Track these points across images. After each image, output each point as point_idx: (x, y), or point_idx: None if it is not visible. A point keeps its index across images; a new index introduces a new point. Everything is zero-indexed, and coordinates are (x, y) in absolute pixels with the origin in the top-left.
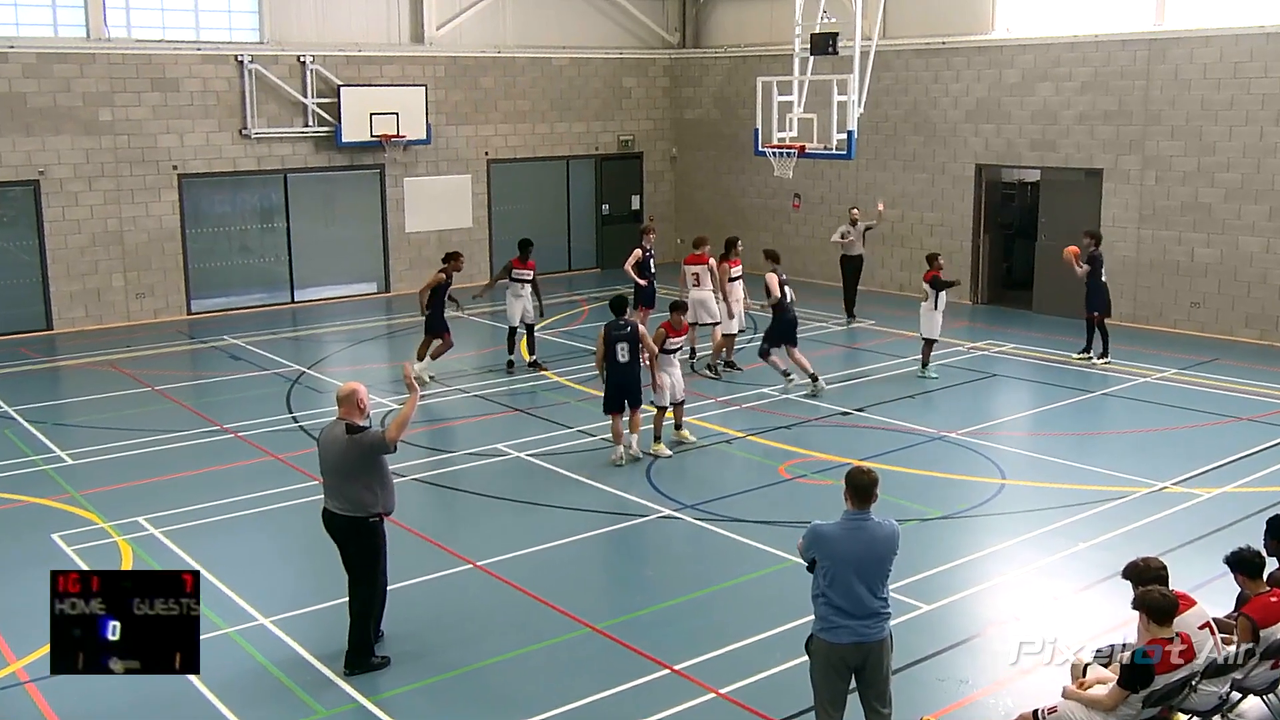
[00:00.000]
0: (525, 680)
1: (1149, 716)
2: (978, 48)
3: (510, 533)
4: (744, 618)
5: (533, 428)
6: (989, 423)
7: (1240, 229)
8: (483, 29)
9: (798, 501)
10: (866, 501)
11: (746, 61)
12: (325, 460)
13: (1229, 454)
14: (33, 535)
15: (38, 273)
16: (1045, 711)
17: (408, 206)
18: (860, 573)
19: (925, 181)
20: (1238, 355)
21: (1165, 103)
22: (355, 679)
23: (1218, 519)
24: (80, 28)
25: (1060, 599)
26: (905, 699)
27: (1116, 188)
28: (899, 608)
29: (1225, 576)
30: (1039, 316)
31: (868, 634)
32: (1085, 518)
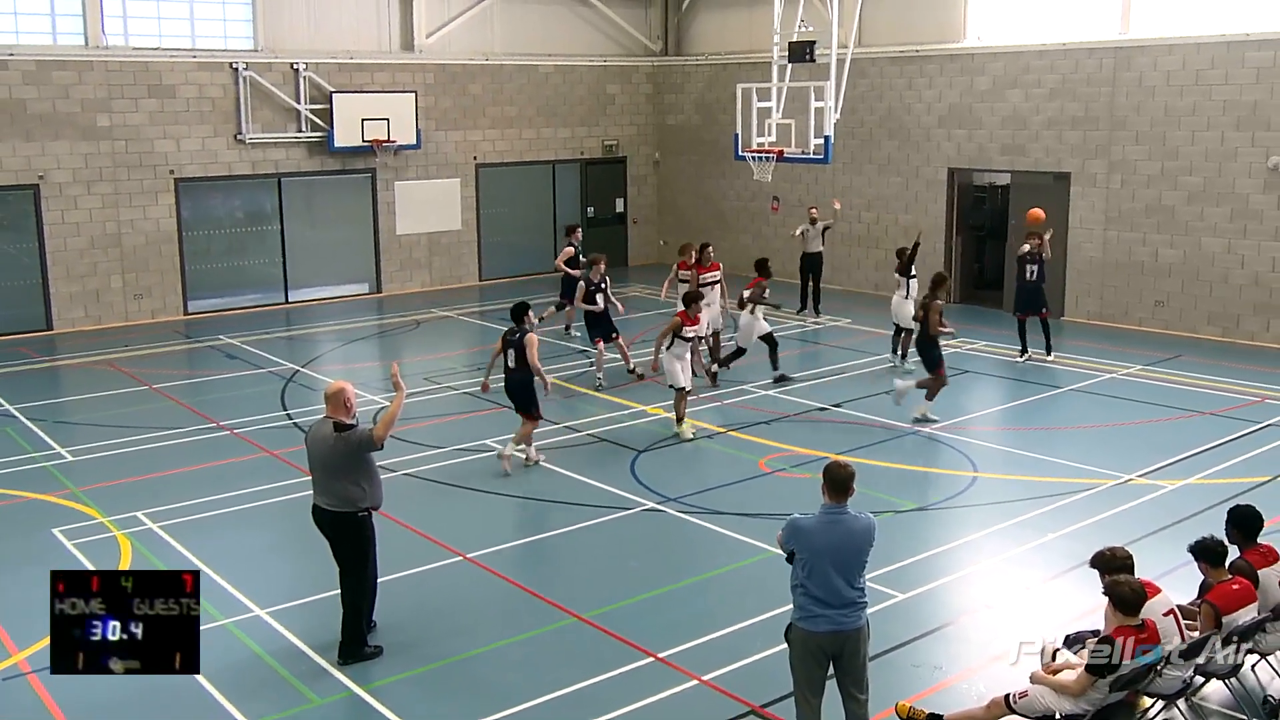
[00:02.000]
0: (514, 669)
1: (1115, 700)
2: (950, 55)
3: (498, 526)
4: (725, 607)
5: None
6: (961, 418)
7: (1203, 230)
8: (471, 37)
9: (777, 495)
10: (844, 495)
11: (727, 69)
12: (313, 457)
13: (1192, 447)
14: (34, 530)
15: (38, 274)
16: (1016, 696)
17: (398, 209)
18: (837, 564)
19: (899, 185)
20: (1200, 352)
21: (1130, 109)
22: (348, 668)
23: (1181, 510)
24: (79, 35)
25: (1030, 588)
26: (881, 685)
27: (1084, 191)
28: (875, 597)
29: (1189, 565)
30: (1008, 315)
31: (845, 623)
32: (1054, 509)
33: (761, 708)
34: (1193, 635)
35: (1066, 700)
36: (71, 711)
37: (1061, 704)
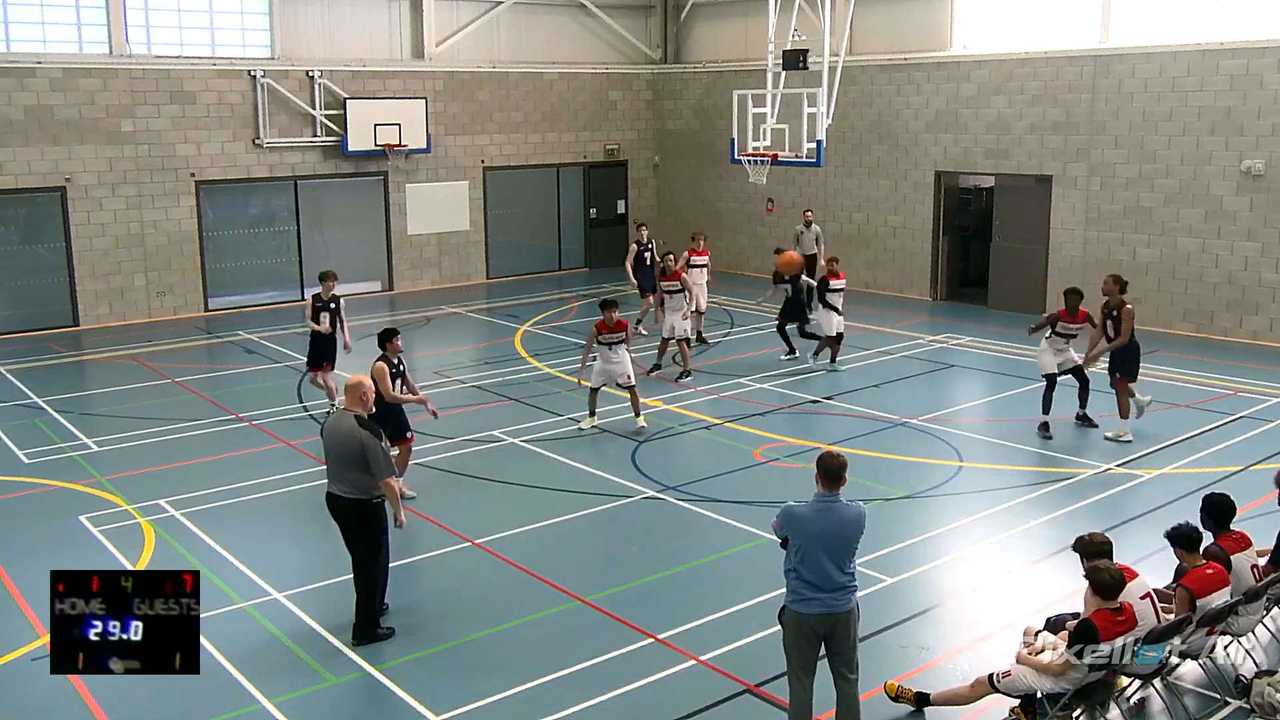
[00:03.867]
0: (520, 650)
1: (1094, 680)
2: (937, 63)
3: (506, 513)
4: (722, 590)
5: (526, 415)
6: (947, 410)
7: (1179, 231)
8: (479, 46)
9: (771, 484)
10: (836, 484)
11: (723, 76)
12: (330, 446)
13: (1168, 438)
14: (61, 517)
15: (65, 273)
16: (1000, 675)
17: (409, 211)
18: (829, 550)
19: (889, 187)
20: (1176, 347)
21: (1109, 114)
22: (362, 649)
23: (1158, 498)
24: (103, 44)
25: (1013, 572)
26: (871, 665)
27: (1065, 193)
28: (865, 581)
29: (1165, 550)
30: (993, 312)
31: (836, 605)
32: (1036, 497)
33: (756, 686)
34: (1168, 618)
35: (1048, 679)
36: (97, 691)
37: (1043, 683)
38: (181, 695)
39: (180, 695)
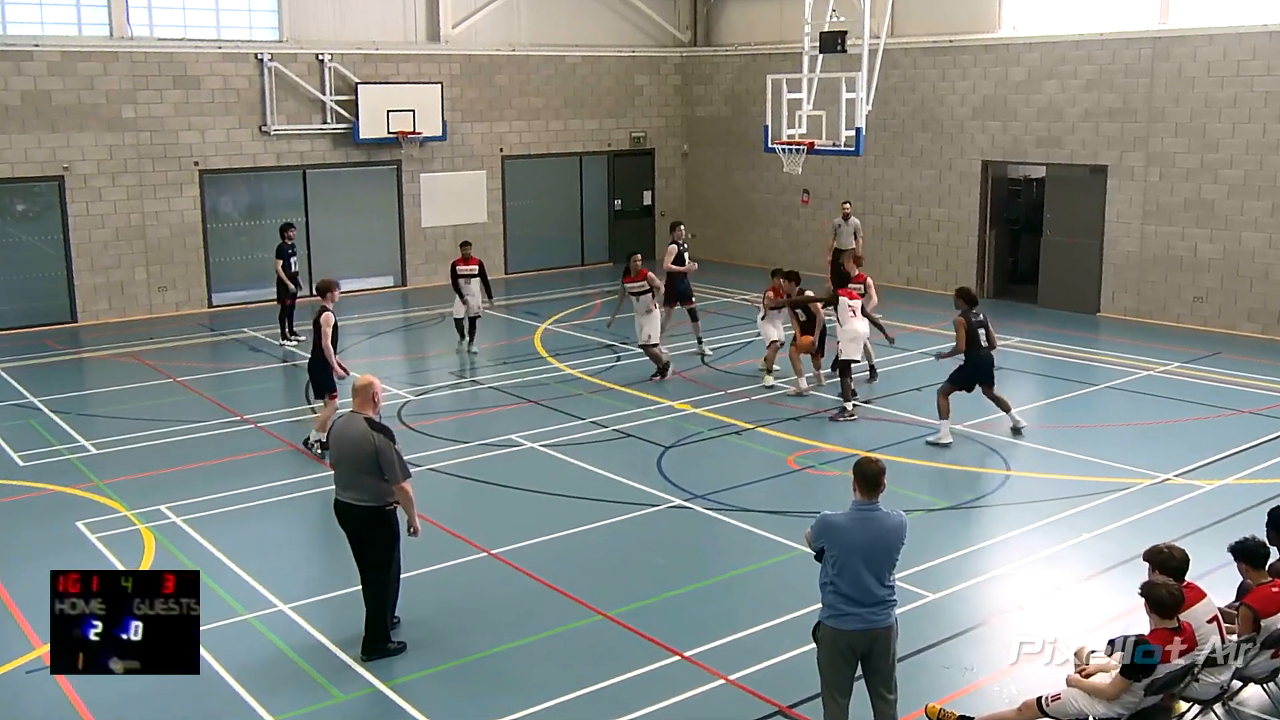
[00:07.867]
0: (538, 666)
1: (1151, 704)
2: (984, 46)
3: (524, 522)
4: (753, 605)
5: (546, 419)
6: (995, 415)
7: (1243, 225)
8: (497, 28)
9: (806, 492)
10: (874, 491)
11: (757, 60)
12: (341, 454)
13: (1231, 446)
14: (58, 523)
15: (63, 266)
16: (1049, 699)
17: (424, 202)
18: (868, 561)
19: (933, 178)
20: (1240, 349)
21: (1169, 100)
22: (372, 664)
23: (1219, 510)
24: (104, 26)
25: (1064, 589)
26: (911, 686)
27: (1121, 184)
28: (905, 596)
29: (1227, 566)
30: (1044, 310)
31: (875, 621)
32: (1089, 509)
33: (789, 708)
34: (1232, 639)
35: (1100, 704)
36: (94, 705)
37: (1095, 707)
38: (182, 710)
39: (181, 710)
